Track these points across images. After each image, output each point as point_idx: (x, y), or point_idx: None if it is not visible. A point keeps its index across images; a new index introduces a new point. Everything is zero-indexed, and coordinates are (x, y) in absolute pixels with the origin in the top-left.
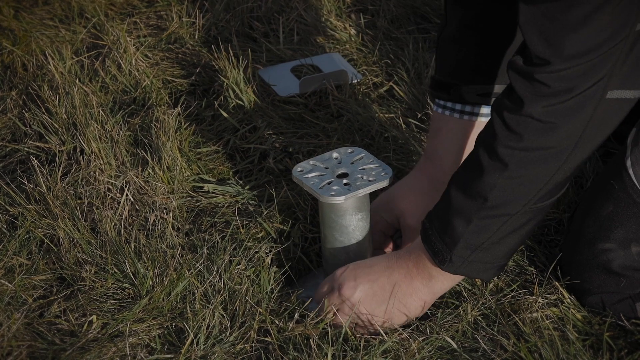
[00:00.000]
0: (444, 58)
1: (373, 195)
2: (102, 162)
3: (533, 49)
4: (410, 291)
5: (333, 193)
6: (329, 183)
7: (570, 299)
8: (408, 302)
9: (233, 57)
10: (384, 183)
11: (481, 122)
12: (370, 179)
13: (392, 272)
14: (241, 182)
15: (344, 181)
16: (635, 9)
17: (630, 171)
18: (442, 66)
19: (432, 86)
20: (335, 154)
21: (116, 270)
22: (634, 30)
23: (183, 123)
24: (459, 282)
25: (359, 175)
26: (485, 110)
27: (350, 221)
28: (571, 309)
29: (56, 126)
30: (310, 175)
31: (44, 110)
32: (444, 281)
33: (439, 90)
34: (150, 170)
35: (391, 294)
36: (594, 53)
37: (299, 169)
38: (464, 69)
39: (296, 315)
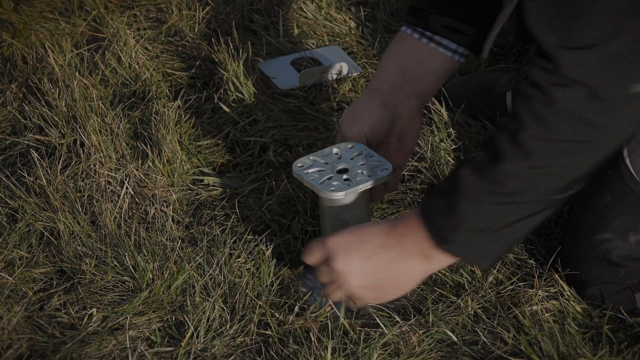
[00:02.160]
0: None
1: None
2: (102, 155)
3: (546, 47)
4: (405, 270)
5: (333, 188)
6: (329, 178)
7: (570, 291)
8: (402, 281)
9: (233, 50)
10: (384, 178)
11: (437, 51)
12: (370, 174)
13: (387, 250)
14: (241, 175)
15: (344, 176)
16: None
17: (627, 160)
18: None
19: (406, 12)
20: (335, 149)
21: (116, 264)
22: None
23: (183, 116)
24: (460, 275)
25: (359, 171)
26: (446, 42)
27: (351, 216)
28: (571, 302)
29: (56, 119)
30: (310, 170)
31: (44, 103)
32: (441, 261)
33: (409, 14)
34: (150, 163)
35: (386, 273)
36: (610, 41)
37: (299, 164)
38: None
39: (296, 308)
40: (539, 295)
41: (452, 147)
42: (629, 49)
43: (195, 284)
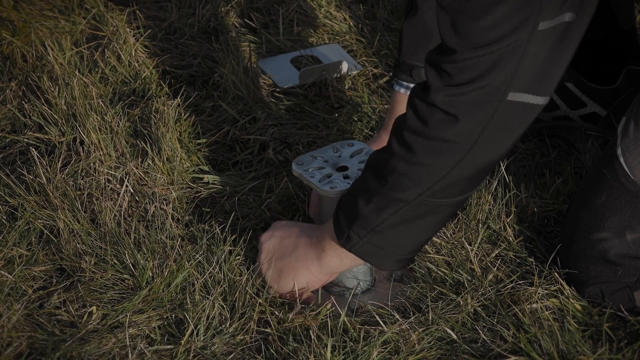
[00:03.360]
0: (408, 41)
1: None
2: (101, 153)
3: (443, 37)
4: (303, 258)
5: (333, 186)
6: (328, 176)
7: (570, 290)
8: (297, 268)
9: (233, 48)
10: None
11: None
12: None
13: (301, 236)
14: (241, 173)
15: (344, 174)
16: (537, 6)
17: (621, 159)
18: (406, 48)
19: (394, 66)
20: (335, 147)
21: (116, 262)
22: (536, 30)
23: (183, 114)
24: (460, 273)
25: (359, 169)
26: None
27: None
28: (571, 300)
29: (56, 117)
30: (310, 168)
31: (43, 102)
32: (333, 257)
33: (401, 71)
34: (150, 162)
35: (289, 255)
36: (495, 45)
37: (299, 162)
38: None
39: (296, 306)
40: (539, 293)
41: None
42: (501, 59)
43: (195, 282)
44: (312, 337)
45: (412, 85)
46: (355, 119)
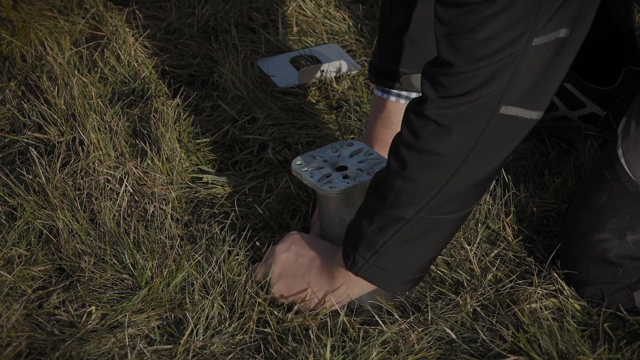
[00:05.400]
0: (390, 47)
1: None
2: (101, 153)
3: (439, 50)
4: (315, 283)
5: (332, 186)
6: (327, 176)
7: (569, 289)
8: (310, 291)
9: (232, 48)
10: None
11: None
12: (369, 171)
13: (316, 259)
14: (240, 172)
15: (343, 174)
16: (532, 22)
17: (622, 160)
18: (389, 55)
19: (377, 74)
20: (334, 147)
21: (115, 261)
22: (530, 45)
23: (182, 114)
24: (459, 272)
25: (358, 169)
26: None
27: (350, 214)
28: (570, 300)
29: (55, 117)
30: (309, 168)
31: (42, 101)
32: (342, 285)
33: (386, 78)
34: (149, 161)
35: (301, 277)
36: (491, 58)
37: (298, 162)
38: (413, 58)
39: (295, 306)
40: (538, 293)
41: None
42: (496, 73)
43: (194, 282)
44: (312, 337)
45: (403, 92)
46: (355, 119)
